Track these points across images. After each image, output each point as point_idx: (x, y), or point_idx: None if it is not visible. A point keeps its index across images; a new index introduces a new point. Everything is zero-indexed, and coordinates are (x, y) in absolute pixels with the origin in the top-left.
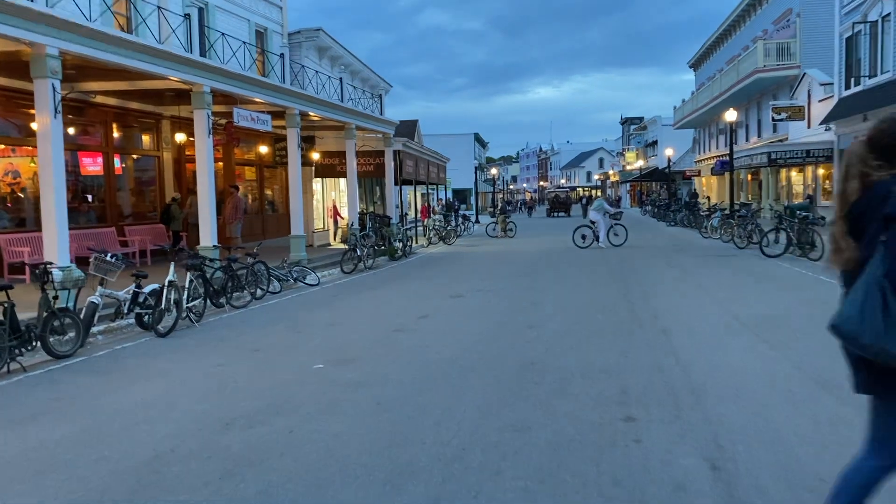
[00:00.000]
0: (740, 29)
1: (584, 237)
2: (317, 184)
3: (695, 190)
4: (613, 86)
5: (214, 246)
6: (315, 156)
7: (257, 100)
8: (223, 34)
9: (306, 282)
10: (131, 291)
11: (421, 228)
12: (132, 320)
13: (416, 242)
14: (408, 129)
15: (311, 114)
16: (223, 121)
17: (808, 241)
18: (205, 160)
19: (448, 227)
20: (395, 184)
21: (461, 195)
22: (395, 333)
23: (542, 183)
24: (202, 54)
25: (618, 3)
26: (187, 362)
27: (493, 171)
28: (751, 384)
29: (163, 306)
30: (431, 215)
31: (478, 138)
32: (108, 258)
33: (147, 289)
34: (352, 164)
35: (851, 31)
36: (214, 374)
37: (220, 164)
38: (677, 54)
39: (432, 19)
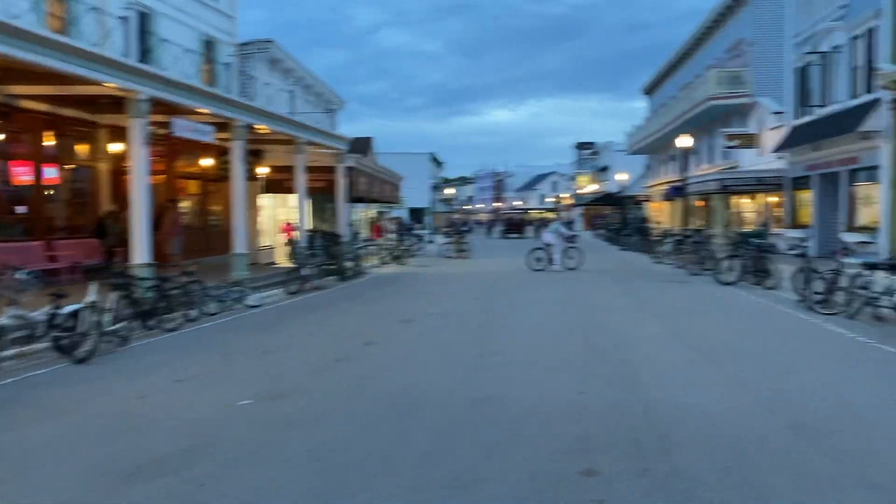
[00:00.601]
0: (694, 56)
1: (538, 260)
2: (268, 199)
3: (642, 216)
4: (567, 111)
5: (147, 263)
6: (263, 170)
7: (202, 110)
8: (165, 40)
9: (246, 303)
10: (48, 312)
11: (374, 248)
12: (49, 344)
13: (369, 262)
14: (362, 146)
15: (258, 126)
16: (162, 131)
17: (762, 269)
18: (139, 172)
19: (402, 247)
20: (347, 201)
21: (417, 214)
22: (337, 363)
23: (497, 204)
24: (144, 61)
25: (574, 31)
26: (103, 394)
27: (450, 191)
28: (723, 430)
29: (81, 329)
30: (385, 234)
31: (434, 158)
32: (19, 275)
33: (66, 310)
34: (301, 179)
35: (803, 61)
36: (130, 408)
37: (162, 176)
38: (630, 82)
39: (390, 40)
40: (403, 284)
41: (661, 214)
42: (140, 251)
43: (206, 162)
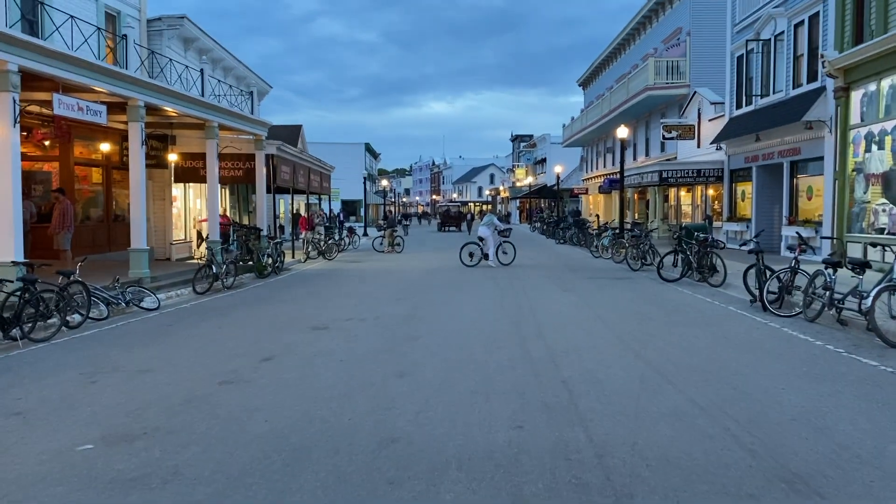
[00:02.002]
0: (630, 48)
1: (471, 255)
2: (189, 190)
3: (577, 208)
4: (504, 104)
5: (13, 262)
6: (172, 157)
7: (98, 88)
8: (43, 4)
9: (142, 305)
10: None
11: (300, 242)
12: None
13: (294, 257)
14: (291, 134)
15: (166, 108)
16: (50, 112)
17: (708, 265)
18: (7, 156)
19: (329, 241)
20: (269, 191)
21: (351, 207)
22: (221, 387)
23: (434, 196)
24: (32, 33)
25: (509, 25)
26: None
27: (384, 182)
28: (694, 483)
29: None
30: (314, 227)
31: (369, 148)
32: None
33: None
34: (213, 167)
35: (744, 49)
36: None
37: (56, 163)
38: (565, 76)
39: (326, 29)
40: (326, 282)
41: (597, 207)
42: (7, 247)
43: (109, 147)
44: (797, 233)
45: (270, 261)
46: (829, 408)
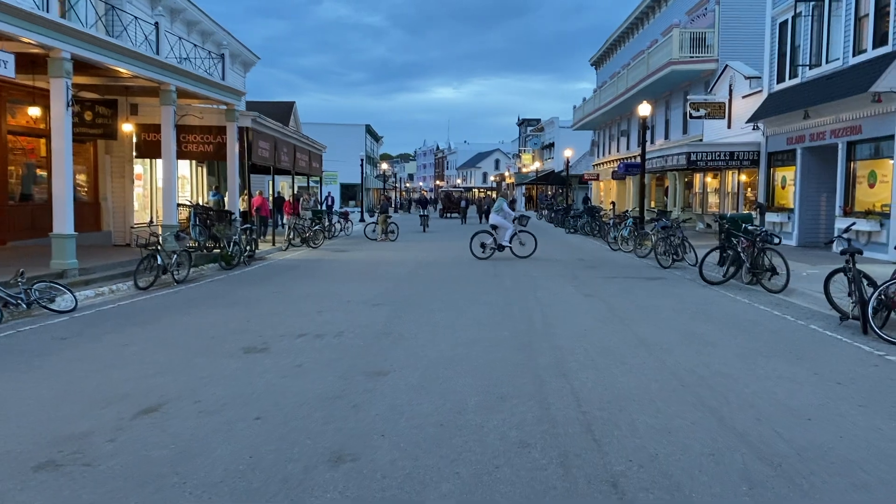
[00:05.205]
0: (648, 23)
1: (483, 245)
2: (157, 166)
3: (587, 195)
4: (511, 90)
5: None
6: (127, 127)
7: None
8: None
9: (53, 307)
10: None
11: (283, 228)
12: None
13: (275, 244)
14: (282, 111)
15: (111, 66)
16: None
17: (763, 266)
18: None
19: (316, 227)
20: (247, 170)
21: (351, 191)
22: (36, 473)
23: (438, 182)
24: None
25: (517, 10)
26: None
27: (384, 166)
28: None
29: None
30: (301, 212)
31: (370, 130)
32: None
33: None
34: (169, 138)
35: (791, 12)
36: None
37: None
38: (573, 63)
39: (332, 11)
40: (297, 277)
41: (609, 194)
42: None
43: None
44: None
45: (238, 249)
46: None
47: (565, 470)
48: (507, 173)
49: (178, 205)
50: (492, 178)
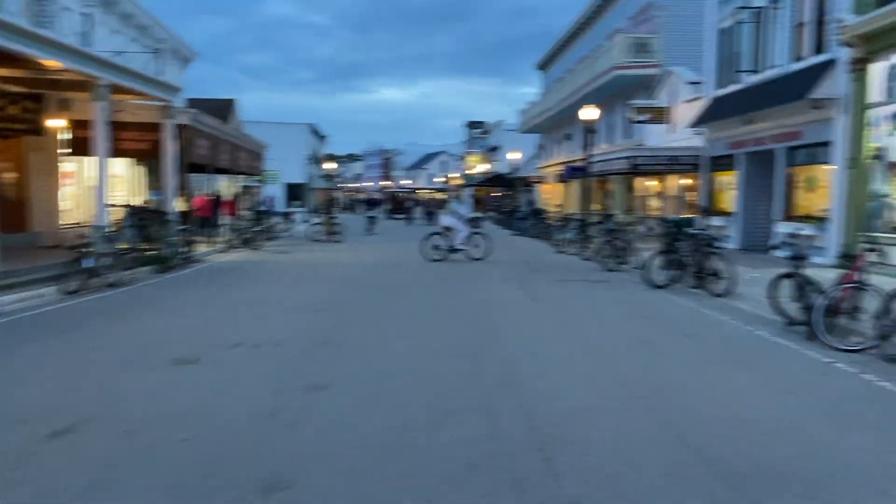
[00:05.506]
0: (593, 27)
1: (436, 248)
2: (89, 164)
3: (530, 198)
4: (457, 93)
5: None
6: (56, 123)
7: None
8: None
9: None
10: None
11: (223, 229)
12: None
13: (214, 246)
14: (221, 108)
15: (39, 59)
16: None
17: (708, 270)
18: None
19: (257, 229)
20: (185, 170)
21: (296, 191)
22: None
23: (385, 182)
24: None
25: (462, 13)
26: None
27: (330, 165)
28: None
29: None
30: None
31: (314, 130)
32: None
33: None
34: (102, 135)
35: (732, 19)
36: None
37: None
38: (518, 67)
39: (277, 9)
40: (236, 280)
41: (554, 197)
42: None
43: None
44: (866, 236)
45: (174, 251)
46: None
47: (518, 495)
48: (453, 175)
49: (110, 205)
50: (438, 180)
